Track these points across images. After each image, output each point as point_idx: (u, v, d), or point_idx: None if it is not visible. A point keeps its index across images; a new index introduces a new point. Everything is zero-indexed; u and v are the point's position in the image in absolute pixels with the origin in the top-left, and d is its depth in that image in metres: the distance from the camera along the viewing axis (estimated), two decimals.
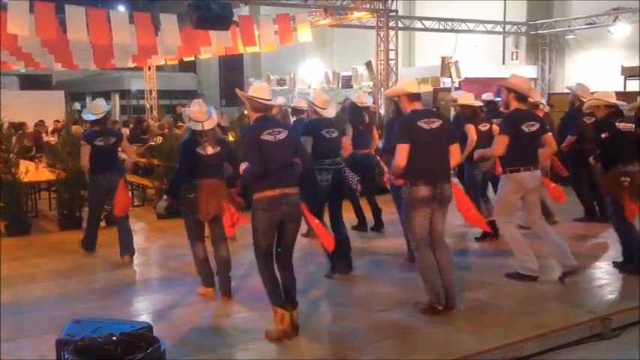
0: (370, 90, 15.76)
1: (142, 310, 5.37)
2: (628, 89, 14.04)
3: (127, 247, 6.81)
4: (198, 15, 10.11)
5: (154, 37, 11.26)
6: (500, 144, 5.61)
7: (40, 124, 15.26)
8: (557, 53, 20.25)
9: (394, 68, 14.17)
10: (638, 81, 14.32)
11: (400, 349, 4.32)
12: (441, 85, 16.40)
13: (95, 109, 6.77)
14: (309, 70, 22.02)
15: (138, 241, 7.82)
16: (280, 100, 7.46)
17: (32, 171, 9.10)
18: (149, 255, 7.39)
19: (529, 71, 19.99)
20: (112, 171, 6.75)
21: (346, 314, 5.08)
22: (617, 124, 6.04)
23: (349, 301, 5.43)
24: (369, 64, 16.38)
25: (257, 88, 4.61)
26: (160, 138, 10.97)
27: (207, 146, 5.38)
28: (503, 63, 20.66)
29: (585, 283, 5.97)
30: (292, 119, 7.97)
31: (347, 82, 19.47)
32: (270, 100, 4.60)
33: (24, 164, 8.81)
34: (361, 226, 8.01)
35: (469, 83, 15.65)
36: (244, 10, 20.55)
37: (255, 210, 4.45)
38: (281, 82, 21.24)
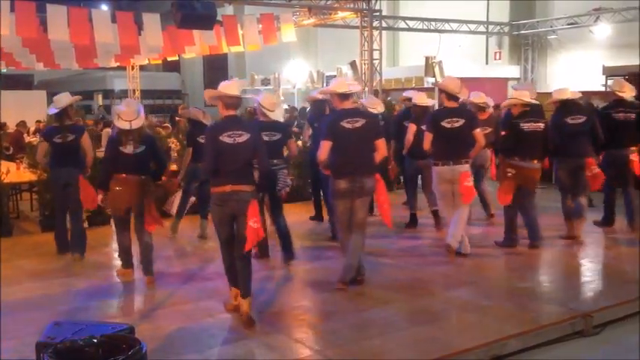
0: None
1: (124, 311, 5.33)
2: (609, 89, 14.15)
3: (75, 245, 6.84)
4: (182, 14, 10.04)
5: (137, 36, 11.17)
6: (426, 140, 6.46)
7: (22, 124, 15.10)
8: (539, 53, 20.43)
9: (378, 68, 14.19)
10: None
11: (383, 348, 4.34)
12: (425, 85, 16.45)
13: (56, 102, 6.72)
14: (294, 70, 22.01)
15: None
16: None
17: (13, 172, 9.00)
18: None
19: (512, 71, 20.15)
20: (70, 166, 6.69)
21: (329, 313, 5.08)
22: (522, 124, 6.67)
23: (331, 300, 5.43)
24: (353, 64, 16.39)
25: (226, 86, 4.89)
26: None
27: (130, 145, 5.78)
28: (487, 63, 20.80)
29: (566, 280, 6.03)
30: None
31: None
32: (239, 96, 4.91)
33: (5, 165, 8.71)
34: (317, 216, 8.38)
35: None
36: (228, 10, 20.50)
37: (212, 204, 4.92)
38: (265, 81, 21.20)
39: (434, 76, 15.92)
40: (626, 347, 4.62)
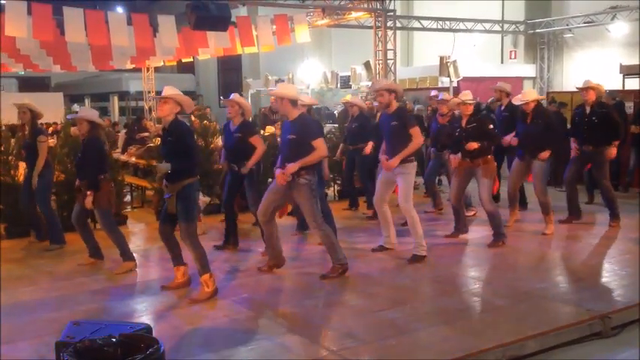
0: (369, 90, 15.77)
1: (142, 311, 5.36)
2: (627, 87, 14.03)
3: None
4: (197, 16, 10.08)
5: (152, 38, 11.25)
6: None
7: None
8: (555, 52, 20.28)
9: (392, 68, 14.18)
10: (636, 79, 14.32)
11: (398, 349, 4.32)
12: (440, 85, 16.40)
13: None
14: (308, 71, 22.02)
15: (137, 242, 7.85)
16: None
17: None
18: (148, 256, 7.37)
19: (527, 70, 20.03)
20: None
21: (343, 314, 5.08)
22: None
23: (345, 301, 5.43)
24: (367, 64, 16.41)
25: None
26: (159, 139, 10.95)
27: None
28: (502, 62, 20.69)
29: (585, 281, 5.97)
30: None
31: (345, 83, 19.48)
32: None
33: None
34: None
35: (468, 82, 15.69)
36: (242, 11, 20.58)
37: (193, 191, 5.46)
38: (279, 82, 21.23)
39: (448, 75, 15.87)
40: None
